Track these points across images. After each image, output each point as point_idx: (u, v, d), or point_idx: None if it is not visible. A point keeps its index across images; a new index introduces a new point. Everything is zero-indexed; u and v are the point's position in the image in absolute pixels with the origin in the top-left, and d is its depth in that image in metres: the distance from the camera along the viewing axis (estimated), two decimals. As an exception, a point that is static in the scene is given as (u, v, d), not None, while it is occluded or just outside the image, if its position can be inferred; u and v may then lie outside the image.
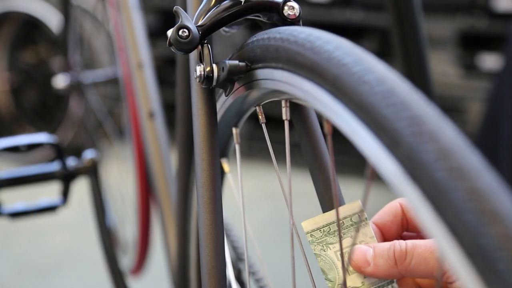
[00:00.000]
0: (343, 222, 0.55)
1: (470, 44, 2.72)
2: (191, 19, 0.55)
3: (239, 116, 0.62)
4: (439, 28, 2.69)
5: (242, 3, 0.56)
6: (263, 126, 0.57)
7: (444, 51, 2.72)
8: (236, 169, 0.60)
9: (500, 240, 0.30)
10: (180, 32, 0.53)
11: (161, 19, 3.26)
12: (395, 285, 0.53)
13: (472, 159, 0.33)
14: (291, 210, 0.54)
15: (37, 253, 2.33)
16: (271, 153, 0.58)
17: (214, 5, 0.57)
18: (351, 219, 0.55)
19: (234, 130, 0.61)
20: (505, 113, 2.00)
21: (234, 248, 0.84)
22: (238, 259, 0.83)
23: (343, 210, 0.55)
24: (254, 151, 2.92)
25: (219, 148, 0.65)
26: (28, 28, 3.22)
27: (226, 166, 0.69)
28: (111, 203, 1.73)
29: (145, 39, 1.24)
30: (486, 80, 2.59)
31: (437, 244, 0.33)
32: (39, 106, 3.34)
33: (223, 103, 0.62)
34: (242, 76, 0.55)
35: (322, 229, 0.54)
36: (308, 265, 0.57)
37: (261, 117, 0.57)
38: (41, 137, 1.14)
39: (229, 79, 0.55)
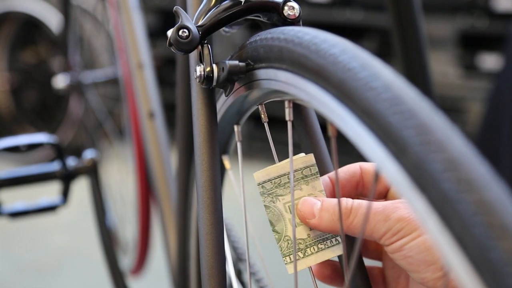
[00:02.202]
0: (294, 174, 0.55)
1: (470, 44, 2.72)
2: (191, 19, 0.55)
3: (240, 114, 0.62)
4: (439, 28, 2.69)
5: (242, 3, 0.56)
6: (266, 125, 0.57)
7: (444, 51, 2.72)
8: (237, 167, 0.60)
9: (509, 255, 0.30)
10: (180, 32, 0.53)
11: (161, 19, 3.26)
12: (339, 238, 0.54)
13: (481, 171, 0.32)
14: (294, 210, 0.54)
15: (37, 253, 2.33)
16: (273, 152, 0.57)
17: (214, 5, 0.57)
18: (302, 172, 0.56)
19: (235, 128, 0.61)
20: (505, 113, 2.00)
21: (234, 248, 0.84)
22: (238, 259, 0.83)
23: (296, 163, 0.56)
24: (254, 151, 2.92)
25: (220, 145, 0.65)
26: (28, 28, 3.22)
27: (227, 162, 0.69)
28: (111, 203, 1.73)
29: (145, 39, 1.24)
30: (486, 80, 2.59)
31: (445, 255, 0.33)
32: (39, 106, 3.34)
33: (223, 103, 0.62)
34: (242, 76, 0.55)
35: (273, 181, 0.55)
36: (310, 265, 0.57)
37: (264, 116, 0.57)
38: (41, 137, 1.14)
39: (229, 79, 0.55)
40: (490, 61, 2.66)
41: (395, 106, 0.37)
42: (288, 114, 0.52)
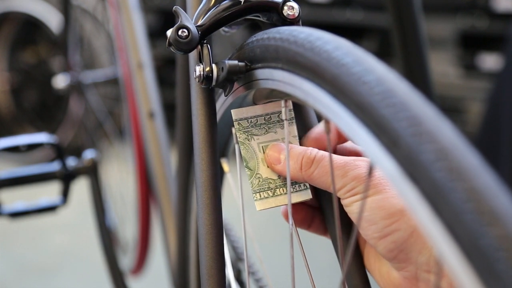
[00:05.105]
0: (270, 116, 0.57)
1: (470, 44, 2.72)
2: (191, 19, 0.55)
3: (238, 116, 0.62)
4: (439, 28, 2.70)
5: (242, 3, 0.56)
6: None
7: (444, 51, 2.72)
8: (235, 169, 0.60)
9: (499, 241, 0.30)
10: (179, 32, 0.53)
11: (161, 19, 3.26)
12: (307, 184, 0.56)
13: (471, 160, 0.33)
14: (291, 210, 0.55)
15: (37, 253, 2.33)
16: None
17: (214, 5, 0.57)
18: (278, 115, 0.57)
19: (233, 130, 0.61)
20: (505, 113, 2.01)
21: (233, 248, 0.84)
22: (237, 259, 0.83)
23: (273, 105, 0.57)
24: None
25: (219, 148, 0.65)
26: (28, 28, 3.23)
27: (225, 165, 0.69)
28: (111, 203, 1.73)
29: (145, 39, 1.24)
30: (486, 80, 2.59)
31: (436, 244, 0.33)
32: (39, 106, 3.34)
33: (222, 103, 0.62)
34: (242, 76, 0.55)
35: (249, 120, 0.57)
36: (308, 265, 0.57)
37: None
38: (41, 137, 1.14)
39: (229, 79, 0.55)
40: (490, 61, 2.66)
41: (387, 99, 0.37)
42: (284, 114, 0.53)
